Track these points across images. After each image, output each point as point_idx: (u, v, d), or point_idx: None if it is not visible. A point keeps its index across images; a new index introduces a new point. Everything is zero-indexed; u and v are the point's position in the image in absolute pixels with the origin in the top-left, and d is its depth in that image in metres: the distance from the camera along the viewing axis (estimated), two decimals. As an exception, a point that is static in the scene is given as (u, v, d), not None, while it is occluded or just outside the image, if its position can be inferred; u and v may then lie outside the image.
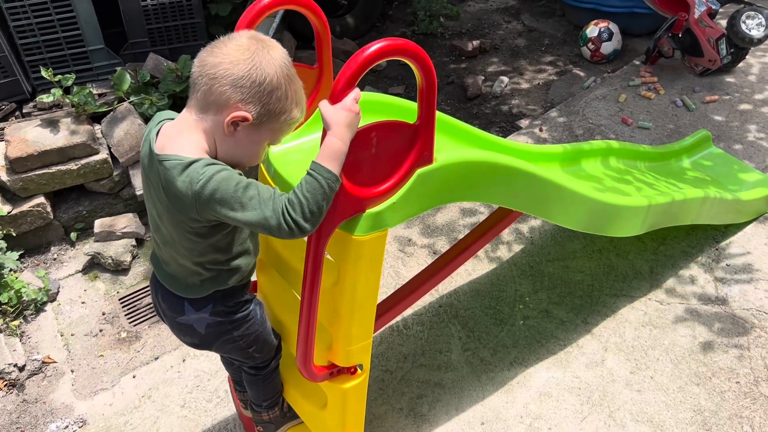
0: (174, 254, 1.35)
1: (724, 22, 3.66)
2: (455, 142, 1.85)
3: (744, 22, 3.39)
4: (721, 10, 4.03)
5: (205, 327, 1.44)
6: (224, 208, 1.17)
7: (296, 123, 1.29)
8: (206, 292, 1.39)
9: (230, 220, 1.19)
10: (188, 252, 1.32)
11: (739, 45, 3.46)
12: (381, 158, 1.28)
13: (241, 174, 1.21)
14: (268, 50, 1.19)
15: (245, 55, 1.17)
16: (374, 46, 1.15)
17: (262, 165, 1.52)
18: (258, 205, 1.17)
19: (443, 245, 2.68)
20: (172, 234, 1.31)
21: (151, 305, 2.54)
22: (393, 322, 2.33)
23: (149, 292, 1.90)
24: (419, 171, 1.35)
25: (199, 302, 1.41)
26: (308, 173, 1.18)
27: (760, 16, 3.41)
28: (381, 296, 1.75)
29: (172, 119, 1.28)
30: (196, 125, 1.22)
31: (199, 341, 1.48)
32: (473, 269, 2.57)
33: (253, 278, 1.80)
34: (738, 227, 2.67)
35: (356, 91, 1.18)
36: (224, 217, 1.19)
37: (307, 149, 1.54)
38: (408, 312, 2.38)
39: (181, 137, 1.22)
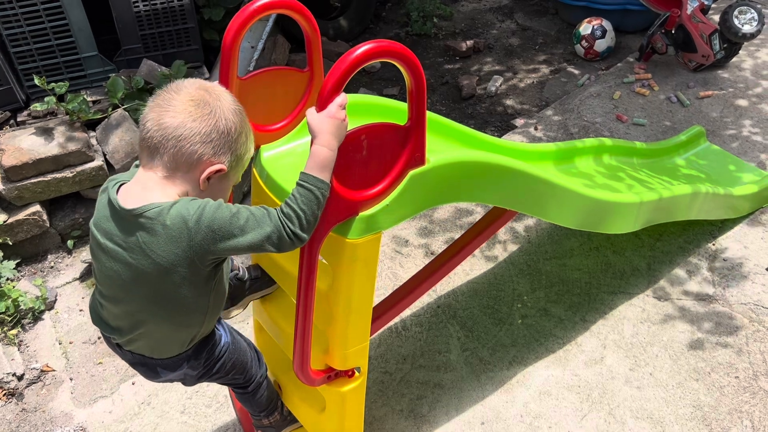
0: (149, 322, 1.28)
1: (716, 18, 3.67)
2: (448, 143, 1.84)
3: (736, 17, 3.40)
4: (713, 5, 4.04)
5: (182, 378, 1.45)
6: (225, 237, 1.14)
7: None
8: (179, 352, 1.37)
9: (232, 248, 1.16)
10: (176, 315, 1.27)
11: (732, 40, 3.47)
12: (373, 161, 1.28)
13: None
14: (221, 97, 1.20)
15: (206, 109, 1.16)
16: (359, 50, 1.15)
17: (254, 170, 1.52)
18: (256, 225, 1.15)
19: (440, 245, 2.68)
20: (151, 301, 1.24)
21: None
22: (391, 323, 2.33)
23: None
24: (412, 173, 1.35)
25: (173, 363, 1.38)
26: (300, 185, 1.18)
27: (753, 11, 3.41)
28: (378, 298, 1.75)
29: (127, 181, 1.24)
30: (164, 181, 1.18)
31: (179, 383, 1.52)
32: (471, 269, 2.57)
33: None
34: (734, 222, 2.67)
35: (342, 96, 1.18)
36: (225, 247, 1.15)
37: (301, 153, 1.54)
38: (406, 313, 2.38)
39: (151, 192, 1.18)
